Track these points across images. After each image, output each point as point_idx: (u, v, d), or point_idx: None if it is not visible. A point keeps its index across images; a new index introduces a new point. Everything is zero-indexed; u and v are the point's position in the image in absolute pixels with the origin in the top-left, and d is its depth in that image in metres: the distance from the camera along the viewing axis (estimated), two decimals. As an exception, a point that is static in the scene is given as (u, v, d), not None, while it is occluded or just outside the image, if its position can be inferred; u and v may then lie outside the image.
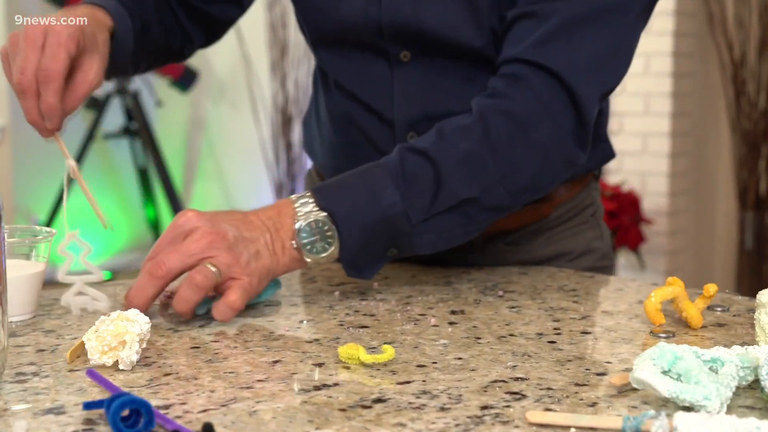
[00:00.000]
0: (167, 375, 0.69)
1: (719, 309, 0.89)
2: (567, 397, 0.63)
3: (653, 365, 0.61)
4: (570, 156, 0.98)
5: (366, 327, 0.83)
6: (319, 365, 0.71)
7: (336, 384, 0.67)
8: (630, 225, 3.23)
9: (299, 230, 0.89)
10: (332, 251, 0.90)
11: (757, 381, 0.64)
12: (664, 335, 0.80)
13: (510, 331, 0.81)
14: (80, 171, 0.94)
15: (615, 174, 3.57)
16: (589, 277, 1.06)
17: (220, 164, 4.58)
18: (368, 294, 0.97)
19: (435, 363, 0.72)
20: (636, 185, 3.51)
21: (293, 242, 0.89)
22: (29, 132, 0.94)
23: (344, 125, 1.12)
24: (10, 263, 0.84)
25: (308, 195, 0.91)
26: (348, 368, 0.71)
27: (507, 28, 1.00)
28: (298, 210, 0.90)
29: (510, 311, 0.89)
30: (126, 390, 0.64)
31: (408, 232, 0.93)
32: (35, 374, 0.68)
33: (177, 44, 1.17)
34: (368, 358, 0.71)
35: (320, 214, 0.89)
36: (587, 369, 0.70)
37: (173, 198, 3.98)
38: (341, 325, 0.84)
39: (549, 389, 0.65)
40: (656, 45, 3.47)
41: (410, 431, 0.57)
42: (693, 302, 0.83)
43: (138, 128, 4.06)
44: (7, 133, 3.94)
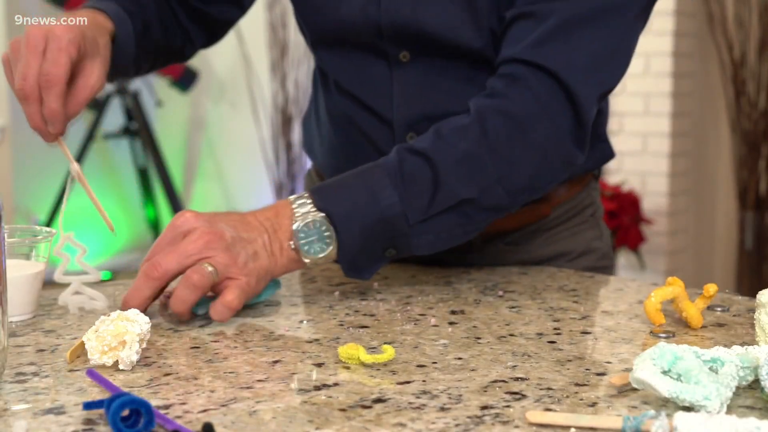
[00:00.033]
0: (167, 375, 0.69)
1: (719, 309, 0.89)
2: (567, 397, 0.64)
3: (653, 365, 0.61)
4: (568, 156, 0.98)
5: (366, 327, 0.83)
6: (319, 365, 0.71)
7: (336, 384, 0.67)
8: (630, 225, 3.23)
9: (297, 231, 0.89)
10: (330, 252, 0.90)
11: (757, 381, 0.64)
12: (664, 335, 0.80)
13: (510, 331, 0.82)
14: (82, 172, 0.95)
15: (615, 174, 3.57)
16: (589, 277, 1.06)
17: (220, 164, 4.58)
18: (368, 294, 0.97)
19: (435, 363, 0.72)
20: (636, 185, 3.51)
21: (291, 243, 0.89)
22: (29, 132, 0.94)
23: (344, 125, 1.12)
24: (10, 263, 0.84)
25: (306, 196, 0.91)
26: (348, 368, 0.71)
27: (505, 29, 1.00)
28: (296, 211, 0.90)
29: (510, 311, 0.89)
30: (126, 390, 0.64)
31: (406, 233, 0.93)
32: (35, 374, 0.68)
33: (177, 45, 1.17)
34: (368, 358, 0.71)
35: (318, 215, 0.89)
36: (587, 369, 0.70)
37: (173, 198, 3.98)
38: (341, 325, 0.84)
39: (549, 389, 0.65)
40: (656, 45, 3.47)
41: (410, 431, 0.57)
42: (693, 302, 0.83)
43: (138, 128, 4.06)
44: (7, 133, 3.94)
